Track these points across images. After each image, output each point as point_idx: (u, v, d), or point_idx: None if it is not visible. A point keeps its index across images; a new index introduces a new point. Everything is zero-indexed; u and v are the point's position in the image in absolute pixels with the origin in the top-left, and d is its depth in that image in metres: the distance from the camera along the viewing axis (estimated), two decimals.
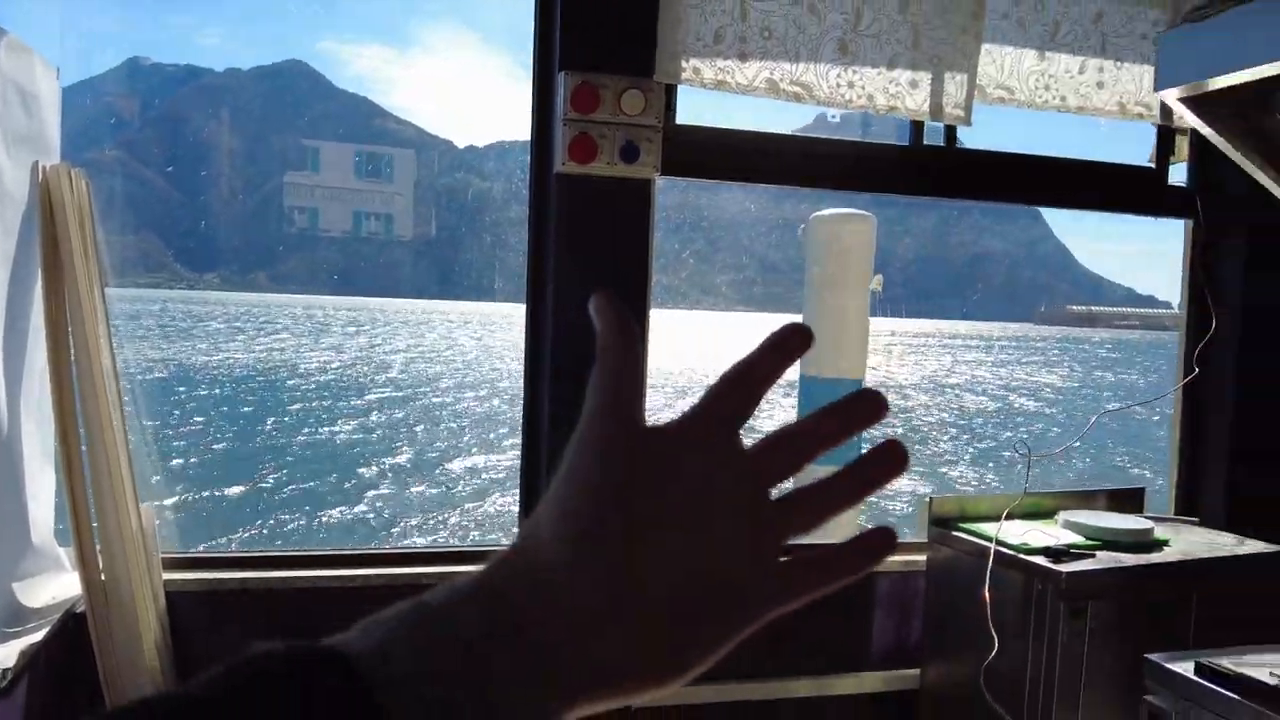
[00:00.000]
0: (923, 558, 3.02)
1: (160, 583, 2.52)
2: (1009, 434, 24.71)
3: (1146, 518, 3.07)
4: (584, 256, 2.72)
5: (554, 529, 0.41)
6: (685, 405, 0.44)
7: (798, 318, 6.11)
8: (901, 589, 3.08)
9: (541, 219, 2.80)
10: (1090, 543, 2.71)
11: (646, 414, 0.43)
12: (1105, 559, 2.62)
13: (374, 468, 17.10)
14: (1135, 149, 3.48)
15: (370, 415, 23.21)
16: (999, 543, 2.67)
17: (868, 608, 3.07)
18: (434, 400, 26.84)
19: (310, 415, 22.97)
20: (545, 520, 0.41)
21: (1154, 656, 2.14)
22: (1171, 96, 2.02)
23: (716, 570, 0.41)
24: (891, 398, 0.47)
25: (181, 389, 25.61)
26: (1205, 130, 2.07)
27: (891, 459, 0.45)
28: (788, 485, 0.46)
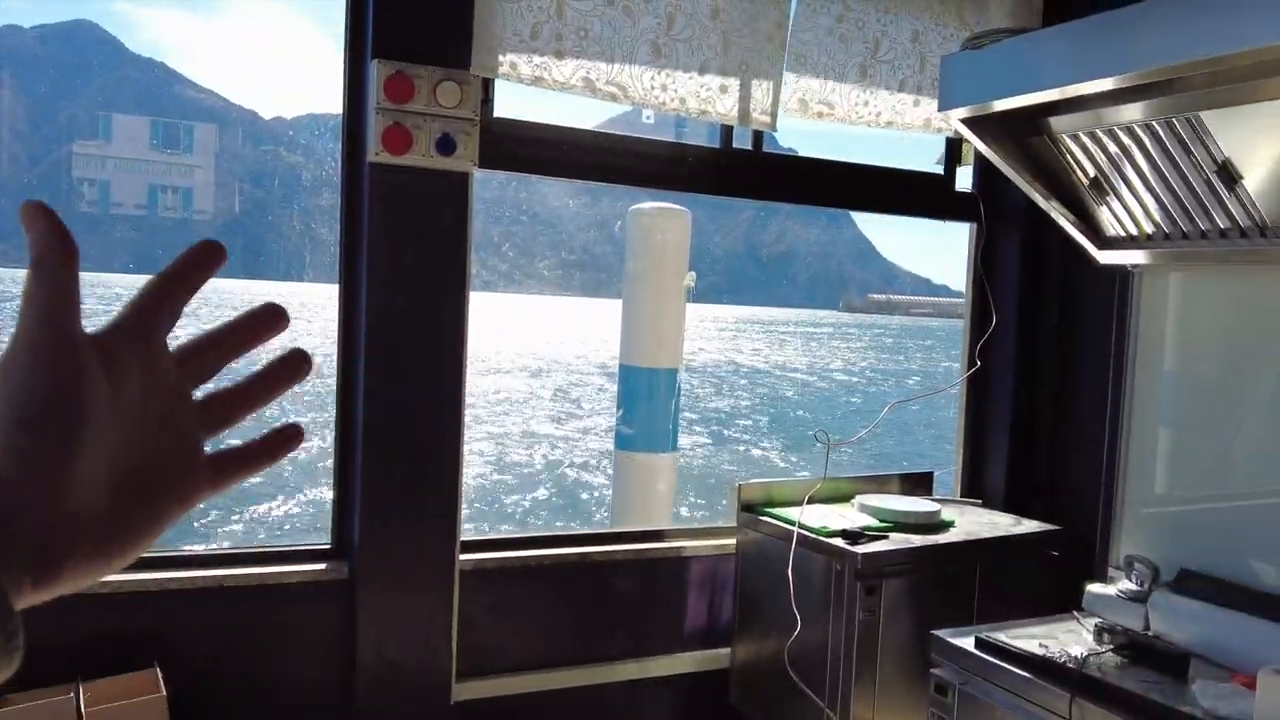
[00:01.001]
0: (733, 541, 3.15)
1: None
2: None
3: (934, 500, 3.30)
4: (400, 247, 2.69)
5: None
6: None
7: (616, 304, 6.21)
8: (714, 571, 3.20)
9: (353, 207, 2.75)
10: (883, 525, 2.91)
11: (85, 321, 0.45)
12: (897, 540, 2.82)
13: None
14: (924, 155, 3.73)
15: None
16: (801, 526, 2.82)
17: (684, 590, 3.18)
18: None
19: None
20: None
21: (939, 632, 2.32)
22: (953, 117, 2.19)
23: (147, 462, 0.46)
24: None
25: None
26: (982, 148, 2.25)
27: (296, 365, 0.52)
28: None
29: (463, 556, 2.84)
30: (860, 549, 2.68)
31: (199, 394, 0.49)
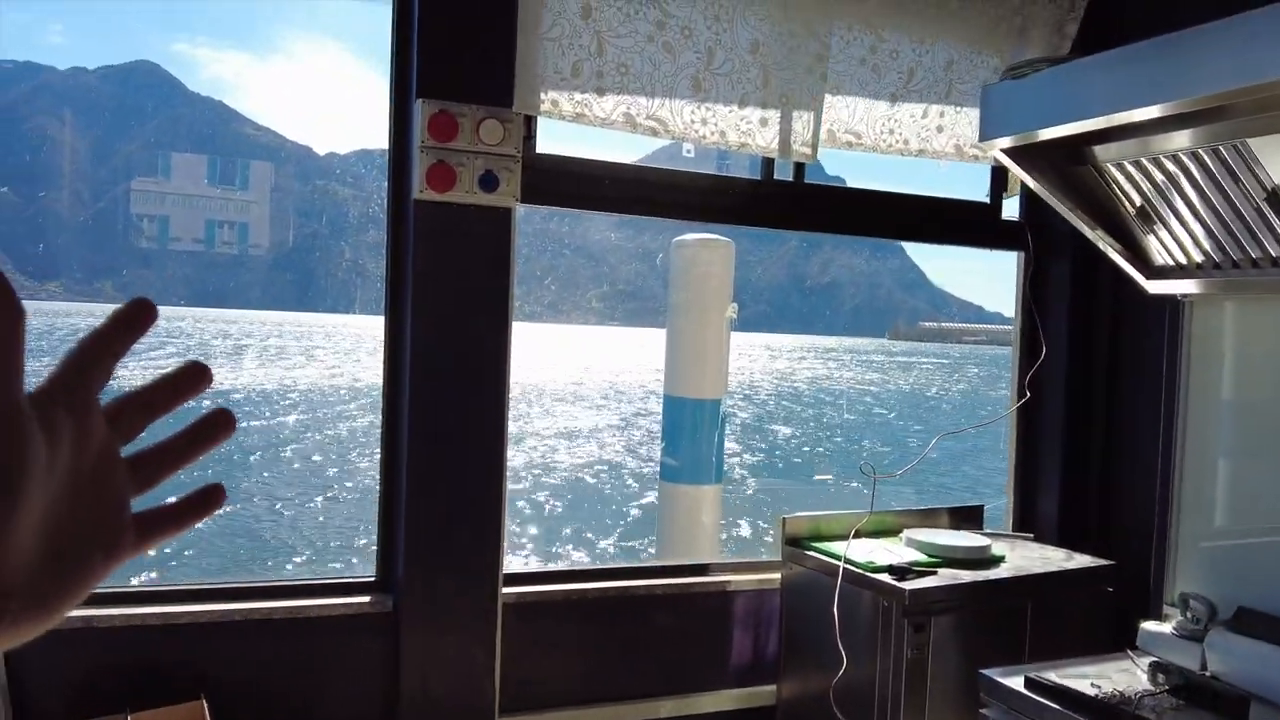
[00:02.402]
0: (777, 575, 3.12)
1: None
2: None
3: (984, 534, 3.25)
4: (444, 282, 2.72)
5: None
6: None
7: (661, 334, 6.21)
8: (759, 606, 3.17)
9: (399, 242, 2.79)
10: (932, 560, 2.86)
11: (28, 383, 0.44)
12: (946, 576, 2.77)
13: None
14: (974, 185, 3.70)
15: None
16: (847, 561, 2.79)
17: (727, 626, 3.15)
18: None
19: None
20: None
21: (988, 671, 2.27)
22: (995, 147, 2.17)
23: (76, 521, 0.46)
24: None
25: None
26: (1025, 178, 2.22)
27: (221, 424, 0.53)
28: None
29: (506, 590, 2.84)
30: (908, 585, 2.64)
31: (126, 452, 0.50)
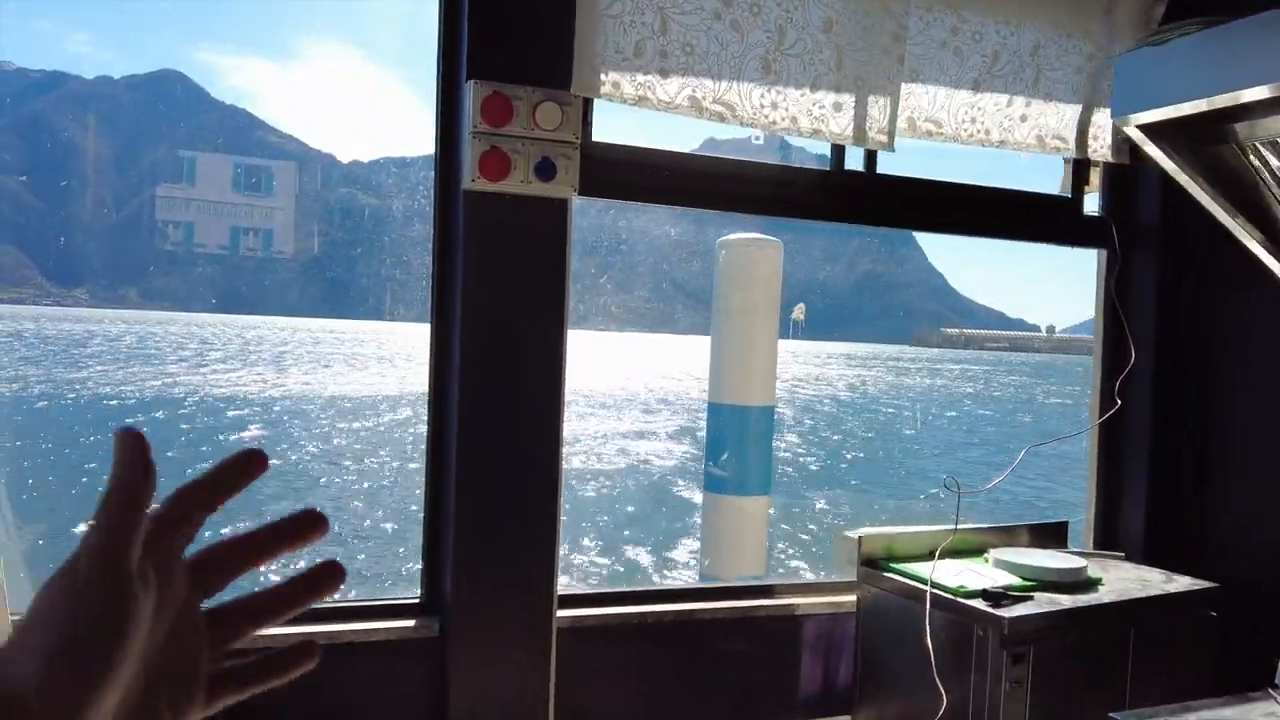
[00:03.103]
0: (852, 598, 2.89)
1: None
2: None
3: (1073, 553, 3.00)
4: (495, 279, 2.51)
5: (30, 639, 0.41)
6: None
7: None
8: (830, 631, 2.93)
9: (448, 238, 2.58)
10: (1026, 583, 2.62)
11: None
12: (1043, 601, 2.53)
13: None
14: (1043, 180, 3.45)
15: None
16: (935, 586, 2.55)
17: (795, 652, 2.92)
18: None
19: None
20: (25, 631, 0.41)
21: (1118, 716, 2.02)
22: (1129, 124, 1.93)
23: (147, 677, 0.44)
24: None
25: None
26: (1161, 159, 1.98)
27: (327, 579, 0.50)
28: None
29: (560, 613, 2.62)
30: (1005, 612, 2.40)
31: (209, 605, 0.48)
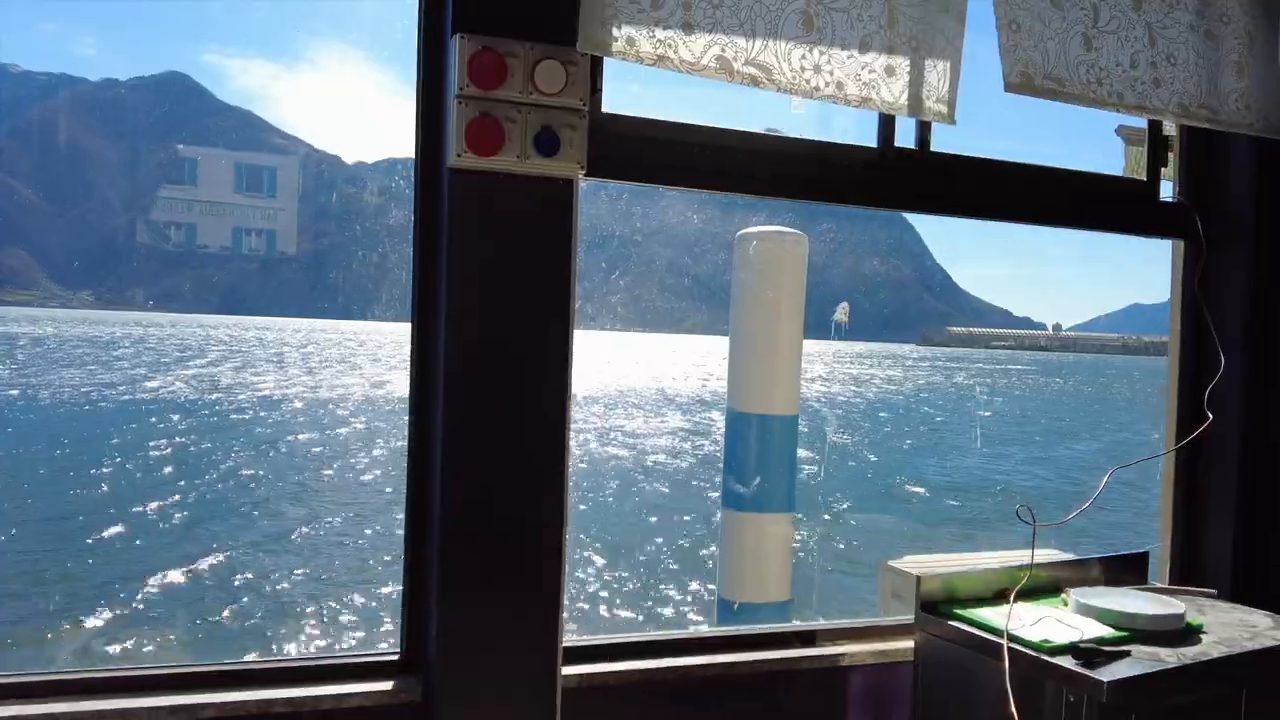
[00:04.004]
0: (906, 644, 2.47)
1: None
2: None
3: (1160, 591, 2.58)
4: (487, 274, 2.09)
5: None
6: None
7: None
8: (881, 685, 2.52)
9: (430, 224, 2.17)
10: (1119, 634, 2.20)
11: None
12: (1142, 657, 2.11)
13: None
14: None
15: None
16: (1013, 638, 2.13)
17: (840, 710, 2.51)
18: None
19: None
20: None
21: None
22: None
23: None
24: None
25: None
26: None
27: None
28: None
29: (566, 670, 2.21)
30: (1103, 674, 1.98)
31: None
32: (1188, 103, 2.61)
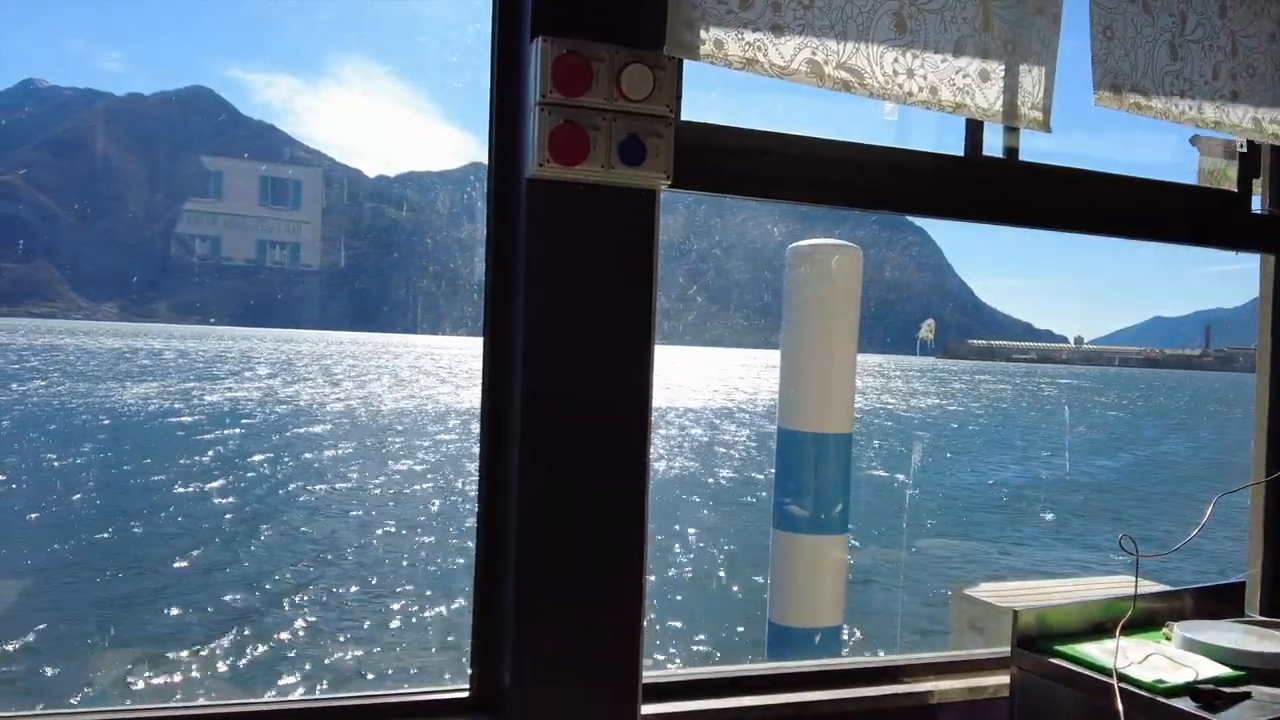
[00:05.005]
0: (1000, 680, 2.34)
1: None
2: None
3: (1263, 625, 2.44)
4: (568, 289, 1.99)
5: None
6: None
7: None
8: None
9: (505, 238, 2.07)
10: (1235, 673, 2.06)
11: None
12: (1264, 699, 1.97)
13: None
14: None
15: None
16: (1124, 679, 2.00)
17: None
18: None
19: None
20: None
21: None
22: None
23: None
24: None
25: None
26: None
27: None
28: None
29: (646, 709, 2.09)
30: (1226, 718, 1.85)
31: None
32: (1260, 117, 2.48)
